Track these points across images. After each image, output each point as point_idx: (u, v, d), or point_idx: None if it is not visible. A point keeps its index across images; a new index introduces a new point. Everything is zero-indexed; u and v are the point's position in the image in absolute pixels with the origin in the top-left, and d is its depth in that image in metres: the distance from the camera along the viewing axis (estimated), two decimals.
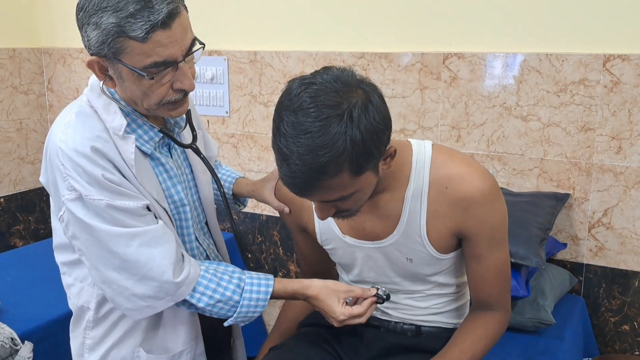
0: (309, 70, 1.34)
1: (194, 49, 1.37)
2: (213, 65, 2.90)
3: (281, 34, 2.76)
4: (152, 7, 1.26)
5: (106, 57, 1.32)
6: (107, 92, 1.42)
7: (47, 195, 3.40)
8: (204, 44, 1.38)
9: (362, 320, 1.49)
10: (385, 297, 1.50)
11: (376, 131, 1.24)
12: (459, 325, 1.56)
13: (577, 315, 2.20)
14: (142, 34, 1.26)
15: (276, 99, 1.30)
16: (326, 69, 1.28)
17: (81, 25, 1.32)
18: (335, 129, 1.19)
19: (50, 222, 1.59)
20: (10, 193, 3.33)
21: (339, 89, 1.23)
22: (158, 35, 1.27)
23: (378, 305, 1.54)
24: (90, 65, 1.37)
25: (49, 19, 3.39)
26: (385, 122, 1.27)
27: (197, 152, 1.58)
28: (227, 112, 2.92)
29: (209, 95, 2.94)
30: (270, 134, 1.30)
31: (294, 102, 1.23)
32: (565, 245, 2.30)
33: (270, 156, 2.81)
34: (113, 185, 1.36)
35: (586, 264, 2.32)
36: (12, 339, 1.89)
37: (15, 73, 3.30)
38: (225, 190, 1.81)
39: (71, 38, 3.30)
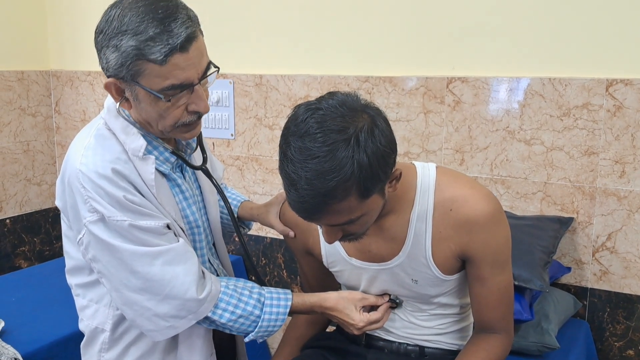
0: (314, 94, 1.36)
1: (209, 72, 1.39)
2: (219, 88, 2.92)
3: (286, 57, 2.78)
4: (171, 30, 1.29)
5: (124, 79, 1.34)
6: (123, 114, 1.45)
7: (53, 217, 3.45)
8: (218, 67, 1.41)
9: (380, 325, 1.54)
10: (398, 301, 1.56)
11: (382, 155, 1.25)
12: (462, 348, 1.56)
13: (581, 339, 2.19)
14: (161, 57, 1.29)
15: (281, 122, 1.31)
16: (331, 94, 1.30)
17: (100, 48, 1.35)
18: (343, 154, 1.21)
19: (55, 244, 1.60)
20: (16, 214, 3.34)
21: (344, 114, 1.24)
22: (176, 59, 1.30)
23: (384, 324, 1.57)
24: (107, 87, 1.39)
25: (58, 42, 3.43)
26: (391, 146, 1.28)
27: (208, 174, 1.60)
28: (232, 135, 2.94)
29: (214, 117, 2.96)
30: (275, 157, 1.31)
31: (301, 128, 1.24)
32: (569, 269, 2.30)
33: (275, 179, 2.82)
34: (135, 205, 1.38)
35: (590, 288, 2.31)
36: (15, 359, 1.90)
37: (23, 95, 3.34)
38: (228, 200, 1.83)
39: (79, 61, 3.34)
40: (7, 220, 3.30)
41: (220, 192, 1.63)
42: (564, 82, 2.23)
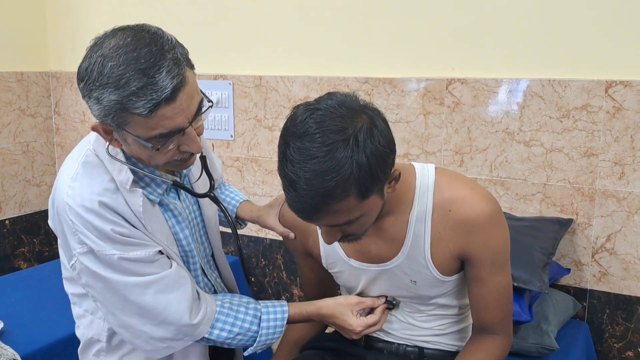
0: (313, 95, 1.35)
1: (203, 110, 1.32)
2: (218, 89, 2.93)
3: (286, 59, 2.79)
4: (155, 83, 1.20)
5: (110, 125, 1.29)
6: (112, 154, 1.38)
7: None
8: (212, 102, 1.34)
9: (378, 327, 1.55)
10: (394, 302, 1.56)
11: (381, 155, 1.25)
12: (461, 349, 1.56)
13: (580, 341, 2.19)
14: (146, 112, 1.21)
15: (281, 123, 1.31)
16: (330, 95, 1.30)
17: (83, 96, 1.29)
18: (342, 154, 1.20)
19: (54, 245, 1.60)
20: (16, 215, 3.34)
21: (343, 114, 1.24)
22: (163, 110, 1.23)
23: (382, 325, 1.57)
24: (94, 129, 1.34)
25: (58, 43, 3.43)
26: (390, 146, 1.28)
27: (216, 201, 1.57)
28: (231, 136, 2.95)
29: (214, 119, 2.96)
30: (274, 158, 1.31)
31: (300, 128, 1.24)
32: (568, 270, 2.30)
33: (275, 180, 2.82)
34: (123, 237, 1.36)
35: (590, 290, 2.31)
36: None
37: (22, 96, 3.34)
38: (229, 213, 1.82)
39: (79, 62, 3.33)
40: (7, 221, 3.30)
41: (227, 217, 1.59)
42: (563, 83, 2.23)
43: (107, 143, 1.37)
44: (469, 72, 2.40)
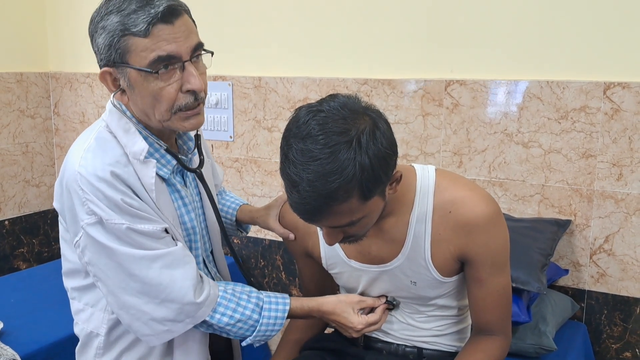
0: (312, 96, 1.36)
1: (202, 51, 1.41)
2: (218, 90, 2.93)
3: (285, 60, 2.79)
4: (152, 3, 1.32)
5: (115, 62, 1.35)
6: (118, 106, 1.44)
7: (52, 219, 3.45)
8: (212, 52, 1.43)
9: (378, 326, 1.55)
10: (395, 303, 1.57)
11: (384, 156, 1.26)
12: (460, 349, 1.57)
13: (579, 341, 2.20)
14: (144, 27, 1.31)
15: (280, 124, 1.32)
16: (332, 97, 1.30)
17: (92, 36, 1.38)
18: (345, 155, 1.21)
19: (53, 246, 1.60)
20: (15, 216, 3.35)
21: (346, 116, 1.25)
22: (159, 29, 1.32)
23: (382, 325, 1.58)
24: (102, 77, 1.40)
25: (57, 44, 3.43)
26: (392, 148, 1.29)
27: (201, 178, 1.59)
28: (231, 137, 2.95)
29: (213, 120, 2.97)
30: (274, 159, 1.32)
31: (302, 130, 1.25)
32: (567, 271, 2.31)
33: (274, 181, 2.83)
34: (133, 209, 1.37)
35: (588, 291, 2.32)
36: None
37: (22, 97, 3.34)
38: (229, 217, 1.82)
39: (78, 63, 3.35)
40: (6, 222, 3.30)
41: (210, 197, 1.61)
42: (561, 85, 2.24)
43: (112, 95, 1.44)
44: (468, 73, 2.41)
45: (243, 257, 3.00)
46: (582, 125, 2.23)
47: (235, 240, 2.96)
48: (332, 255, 1.59)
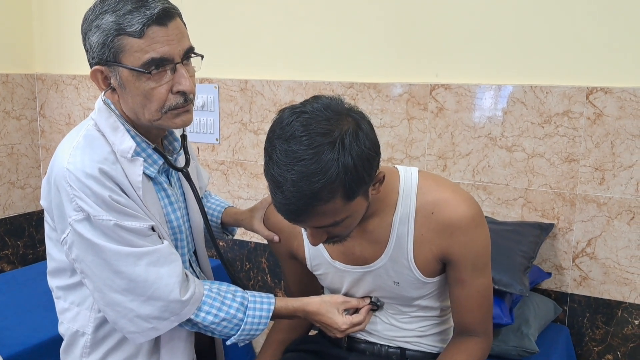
0: (299, 99, 1.37)
1: (193, 55, 1.44)
2: (204, 93, 2.93)
3: (272, 63, 2.80)
4: (147, 4, 1.35)
5: (107, 61, 1.37)
6: (108, 105, 1.46)
7: (37, 221, 3.44)
8: (202, 55, 1.45)
9: (362, 327, 1.56)
10: (379, 304, 1.58)
11: (367, 157, 1.27)
12: (442, 350, 1.58)
13: (561, 344, 2.21)
14: (139, 28, 1.33)
15: (266, 127, 1.32)
16: (316, 98, 1.31)
17: (85, 34, 1.40)
18: (328, 156, 1.22)
19: (38, 248, 1.60)
20: (0, 217, 3.33)
21: (329, 117, 1.26)
22: (154, 31, 1.34)
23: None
24: (93, 75, 1.42)
25: (44, 46, 3.42)
26: (375, 148, 1.30)
27: (188, 177, 1.60)
28: (217, 140, 2.95)
29: (199, 122, 2.97)
30: (260, 162, 1.32)
31: (286, 131, 1.26)
32: (549, 274, 2.33)
33: (260, 184, 2.84)
34: (120, 206, 1.39)
35: (570, 294, 2.34)
36: None
37: (7, 98, 3.33)
38: (214, 219, 1.83)
39: (64, 65, 3.34)
40: None
41: (196, 196, 1.62)
42: (545, 89, 2.27)
43: (103, 93, 1.46)
44: (453, 78, 2.43)
45: (229, 259, 3.00)
46: (565, 129, 2.25)
47: (220, 243, 2.95)
48: (317, 256, 1.60)
